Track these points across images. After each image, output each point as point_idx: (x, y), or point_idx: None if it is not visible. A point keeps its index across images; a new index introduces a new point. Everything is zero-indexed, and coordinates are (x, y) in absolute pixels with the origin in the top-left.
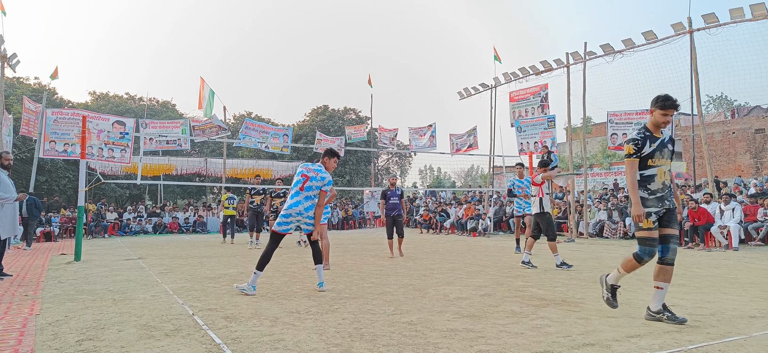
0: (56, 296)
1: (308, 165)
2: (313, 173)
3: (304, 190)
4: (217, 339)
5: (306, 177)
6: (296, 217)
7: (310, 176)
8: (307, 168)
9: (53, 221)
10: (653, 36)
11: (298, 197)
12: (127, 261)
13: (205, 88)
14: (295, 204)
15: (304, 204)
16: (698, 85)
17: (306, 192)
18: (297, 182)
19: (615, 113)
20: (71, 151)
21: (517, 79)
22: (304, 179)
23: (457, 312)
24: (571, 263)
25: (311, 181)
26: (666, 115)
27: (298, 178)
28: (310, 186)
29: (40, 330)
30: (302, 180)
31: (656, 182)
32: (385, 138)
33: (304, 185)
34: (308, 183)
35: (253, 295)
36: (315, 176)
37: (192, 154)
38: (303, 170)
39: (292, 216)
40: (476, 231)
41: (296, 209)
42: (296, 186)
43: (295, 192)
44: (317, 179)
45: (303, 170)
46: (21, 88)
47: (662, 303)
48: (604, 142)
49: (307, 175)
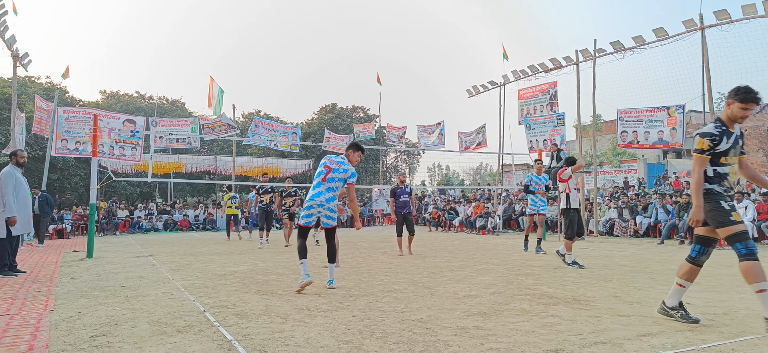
0: (69, 292)
1: (332, 157)
2: (335, 165)
3: (327, 182)
4: (228, 335)
5: (328, 168)
6: (317, 209)
7: (333, 168)
8: (330, 159)
9: (65, 218)
10: (664, 33)
11: (320, 188)
12: (139, 258)
13: (214, 86)
14: (317, 195)
15: (325, 196)
16: (710, 82)
17: (328, 184)
18: (320, 173)
19: (625, 111)
20: (82, 149)
21: (526, 76)
22: (327, 170)
23: (467, 309)
24: (582, 263)
25: (334, 173)
26: (746, 110)
27: (321, 169)
28: (333, 177)
29: (55, 326)
30: (325, 172)
31: (727, 182)
32: (394, 136)
33: (327, 176)
34: (331, 175)
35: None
36: (337, 168)
37: (201, 152)
38: (326, 162)
39: (314, 208)
40: (485, 229)
41: (317, 200)
42: (319, 176)
43: (317, 183)
44: (340, 171)
45: (326, 162)
46: (33, 87)
47: (680, 301)
48: (614, 140)
49: (329, 166)
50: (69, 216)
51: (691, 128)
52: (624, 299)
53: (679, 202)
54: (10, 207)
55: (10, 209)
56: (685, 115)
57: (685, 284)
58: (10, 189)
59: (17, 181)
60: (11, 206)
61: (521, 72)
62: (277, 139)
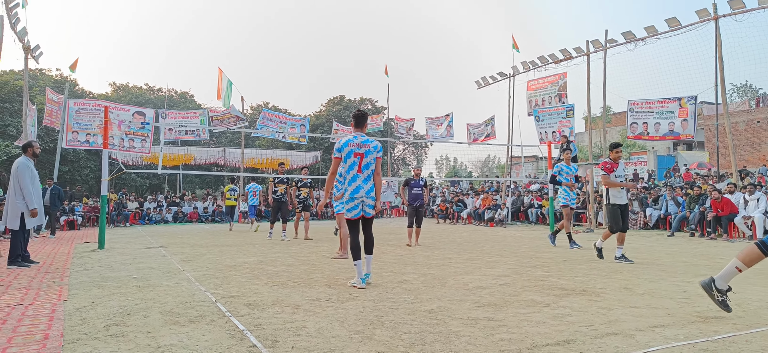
0: (82, 283)
1: (352, 140)
2: (364, 147)
3: (362, 171)
4: (240, 325)
5: (360, 155)
6: (360, 201)
7: (364, 151)
8: (355, 144)
9: (76, 210)
10: (677, 23)
11: (358, 181)
12: (149, 250)
13: (223, 78)
14: (358, 189)
15: (365, 187)
16: (723, 72)
17: (364, 173)
18: (353, 164)
19: (636, 102)
20: (93, 141)
21: (536, 67)
22: (359, 158)
23: (477, 301)
24: (590, 255)
25: (367, 157)
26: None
27: (352, 159)
28: (368, 163)
29: (69, 316)
30: (357, 161)
31: None
32: (402, 128)
33: (361, 164)
34: (365, 161)
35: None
36: (368, 149)
37: (210, 144)
38: (353, 148)
39: (356, 200)
40: (493, 221)
41: (359, 194)
42: (352, 168)
43: (353, 177)
44: (371, 151)
45: (353, 148)
46: (43, 80)
47: (729, 285)
48: (624, 131)
49: (359, 152)
50: (80, 207)
51: (702, 120)
52: (635, 291)
53: (690, 194)
54: (30, 198)
55: (31, 200)
56: (697, 106)
57: (743, 269)
58: (27, 180)
59: (32, 173)
60: (31, 197)
61: (531, 63)
62: (286, 131)
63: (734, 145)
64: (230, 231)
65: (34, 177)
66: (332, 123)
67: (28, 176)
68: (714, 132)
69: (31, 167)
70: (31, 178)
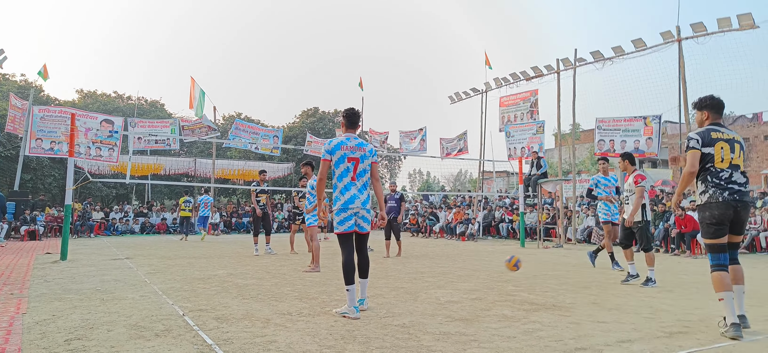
0: (43, 295)
1: (344, 142)
2: (359, 151)
3: (357, 179)
4: (208, 339)
5: (355, 160)
6: (354, 212)
7: (359, 156)
8: (347, 147)
9: (38, 220)
10: (643, 44)
11: (353, 190)
12: (115, 261)
13: (195, 87)
14: (352, 199)
15: (361, 197)
16: (686, 93)
17: (358, 182)
18: (346, 170)
19: (603, 119)
20: (58, 149)
21: (508, 84)
22: (354, 164)
23: (449, 315)
24: (561, 270)
25: (362, 163)
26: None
27: (346, 165)
28: (363, 170)
29: (28, 329)
30: (352, 166)
31: None
32: (376, 141)
33: (356, 171)
34: (360, 167)
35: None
36: (363, 154)
37: (181, 154)
38: (346, 152)
39: (350, 212)
40: (465, 235)
41: (356, 204)
42: (345, 175)
43: (346, 185)
44: (366, 156)
45: (346, 152)
46: (7, 85)
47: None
48: (593, 149)
49: (354, 157)
50: (42, 217)
51: (666, 138)
52: (603, 306)
53: (655, 211)
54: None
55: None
56: (661, 125)
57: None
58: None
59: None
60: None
61: (503, 80)
62: (259, 142)
63: None
64: (184, 241)
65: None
66: (306, 135)
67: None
68: (677, 150)
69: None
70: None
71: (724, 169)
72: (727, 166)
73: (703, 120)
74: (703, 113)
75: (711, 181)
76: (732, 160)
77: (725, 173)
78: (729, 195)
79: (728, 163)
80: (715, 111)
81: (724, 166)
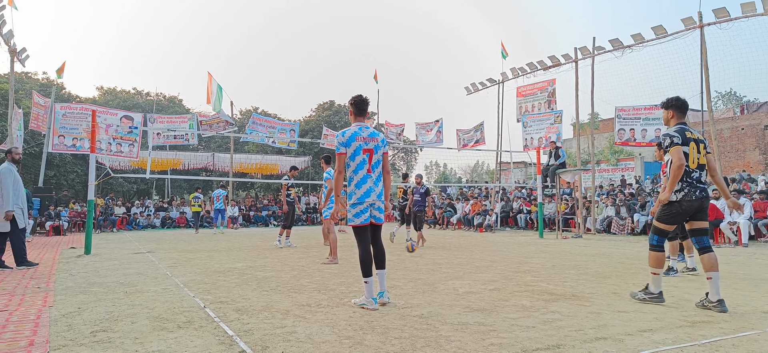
0: (68, 288)
1: (358, 133)
2: (372, 142)
3: (372, 170)
4: (229, 331)
5: (369, 152)
6: (370, 204)
7: (373, 146)
8: (361, 138)
9: (62, 215)
10: (663, 31)
11: (368, 182)
12: (137, 255)
13: (212, 82)
14: (368, 192)
15: (376, 190)
16: (708, 80)
17: (374, 173)
18: (362, 162)
19: (623, 108)
20: (80, 146)
21: (525, 74)
22: (368, 155)
23: (467, 306)
24: (582, 260)
25: (376, 153)
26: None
27: (362, 157)
28: (378, 161)
29: (54, 322)
30: (367, 158)
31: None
32: (392, 133)
33: (372, 162)
34: (375, 158)
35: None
36: (376, 144)
37: (199, 148)
38: (360, 144)
39: (366, 204)
40: (482, 226)
41: (372, 196)
42: (361, 167)
43: (363, 177)
44: (379, 146)
45: (360, 144)
46: (29, 83)
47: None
48: (612, 138)
49: (368, 148)
50: (66, 212)
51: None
52: (623, 296)
53: None
54: (8, 201)
55: (8, 203)
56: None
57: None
58: (9, 183)
59: (15, 178)
60: (9, 201)
61: (520, 70)
62: (275, 135)
63: (719, 151)
64: (197, 234)
65: (18, 182)
66: (322, 128)
67: (10, 179)
68: None
69: (13, 172)
70: (15, 183)
71: (695, 169)
72: (696, 166)
73: (669, 118)
74: (669, 112)
75: (686, 180)
76: (699, 160)
77: (695, 173)
78: (699, 193)
79: (696, 163)
80: (680, 111)
81: (694, 167)
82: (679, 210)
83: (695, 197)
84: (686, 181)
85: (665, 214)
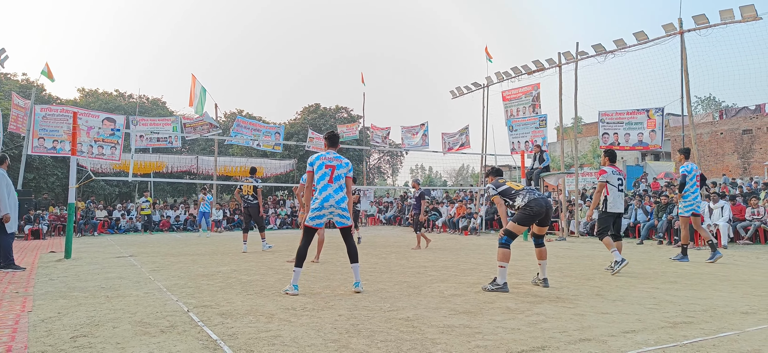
0: (48, 293)
1: (324, 154)
2: (336, 161)
3: (334, 182)
4: (213, 335)
5: (331, 167)
6: (329, 210)
7: (336, 165)
8: (326, 158)
9: (42, 219)
10: (644, 36)
11: (329, 190)
12: (118, 259)
13: (196, 85)
14: (327, 198)
15: (335, 197)
16: (688, 85)
17: (335, 184)
18: (324, 174)
19: (606, 113)
20: (60, 148)
21: (510, 78)
22: (331, 169)
23: (453, 308)
24: (564, 263)
25: (338, 170)
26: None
27: (324, 170)
28: (339, 175)
29: (33, 327)
30: (329, 172)
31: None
32: (378, 136)
33: (333, 176)
34: (336, 173)
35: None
36: (340, 164)
37: (183, 151)
38: (324, 162)
39: (325, 209)
40: (467, 229)
41: (330, 201)
42: (323, 178)
43: (324, 186)
44: (342, 166)
45: (324, 162)
46: (8, 84)
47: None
48: (595, 142)
49: (331, 165)
50: (46, 216)
51: (669, 131)
52: (607, 297)
53: (658, 203)
54: (5, 205)
55: (6, 207)
56: (663, 117)
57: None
58: (3, 188)
59: (8, 183)
60: (6, 204)
61: (504, 74)
62: (260, 138)
63: (699, 156)
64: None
65: (10, 187)
66: (307, 131)
67: (3, 184)
68: (680, 143)
69: (6, 177)
70: (8, 187)
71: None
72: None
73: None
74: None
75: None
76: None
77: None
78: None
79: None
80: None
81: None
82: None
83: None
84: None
85: (524, 217)
